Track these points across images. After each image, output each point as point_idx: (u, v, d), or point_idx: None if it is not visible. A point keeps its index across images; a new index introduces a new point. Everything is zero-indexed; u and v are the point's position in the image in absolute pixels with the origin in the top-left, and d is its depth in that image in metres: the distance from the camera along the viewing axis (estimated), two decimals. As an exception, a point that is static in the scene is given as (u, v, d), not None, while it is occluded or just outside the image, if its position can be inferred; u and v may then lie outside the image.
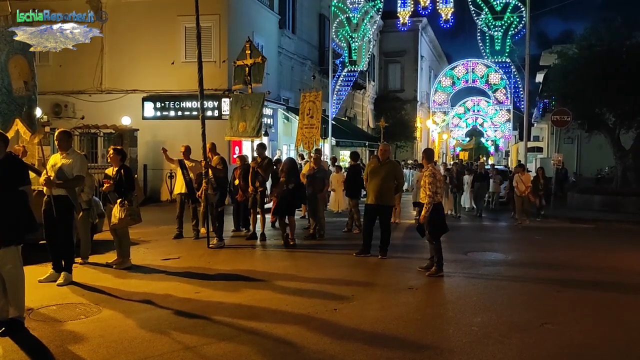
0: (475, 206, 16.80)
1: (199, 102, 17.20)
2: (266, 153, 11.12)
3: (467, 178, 16.77)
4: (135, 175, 9.22)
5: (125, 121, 16.58)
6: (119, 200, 7.80)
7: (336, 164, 16.96)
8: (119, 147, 8.48)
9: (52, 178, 6.75)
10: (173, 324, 5.39)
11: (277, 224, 12.22)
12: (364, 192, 9.98)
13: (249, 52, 11.42)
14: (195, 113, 17.67)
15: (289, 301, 6.29)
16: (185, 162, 10.72)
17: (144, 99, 18.34)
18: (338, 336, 5.14)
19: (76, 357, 4.54)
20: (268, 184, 11.10)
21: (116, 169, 7.92)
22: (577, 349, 5.03)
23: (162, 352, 4.65)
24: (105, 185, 7.90)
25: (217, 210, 9.95)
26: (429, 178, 7.74)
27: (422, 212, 7.75)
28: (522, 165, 15.90)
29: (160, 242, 10.30)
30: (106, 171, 8.27)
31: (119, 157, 7.98)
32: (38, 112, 13.49)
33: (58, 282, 6.84)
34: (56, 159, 7.05)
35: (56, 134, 7.19)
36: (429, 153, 8.44)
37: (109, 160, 8.24)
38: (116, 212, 7.82)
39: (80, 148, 15.91)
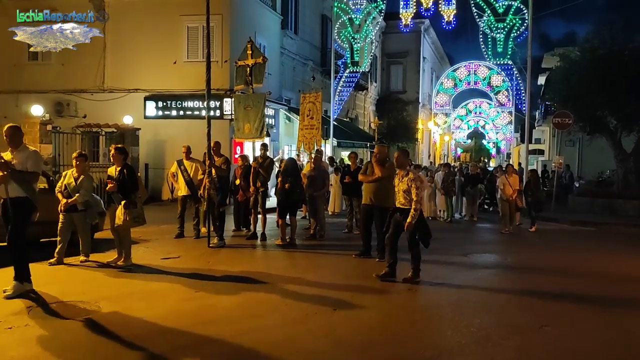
0: (465, 212, 15.85)
1: (200, 102, 17.47)
2: (268, 153, 11.14)
3: (457, 180, 15.90)
4: (139, 174, 9.14)
5: (127, 120, 16.59)
6: (123, 202, 7.70)
7: (335, 165, 16.89)
8: (120, 146, 8.36)
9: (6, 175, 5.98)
10: (173, 323, 5.39)
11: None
12: None
13: (250, 52, 11.44)
14: (197, 113, 17.70)
15: (288, 301, 6.30)
16: (186, 162, 10.73)
17: (146, 98, 18.36)
18: (337, 337, 5.14)
19: (75, 355, 4.55)
20: (269, 184, 11.11)
21: (119, 168, 7.83)
22: (575, 353, 5.03)
23: (162, 351, 4.66)
24: (109, 186, 7.81)
25: (219, 210, 9.96)
26: (415, 182, 7.23)
27: (408, 220, 7.11)
28: (510, 166, 14.99)
29: (161, 241, 10.31)
30: (108, 170, 8.16)
31: (122, 157, 7.89)
32: (40, 110, 13.65)
33: (6, 293, 6.12)
34: (7, 157, 6.21)
35: (5, 129, 6.38)
36: (406, 154, 7.86)
37: (111, 159, 8.14)
38: (120, 213, 7.72)
39: (82, 147, 15.92)
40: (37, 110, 13.59)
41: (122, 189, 7.75)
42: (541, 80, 31.93)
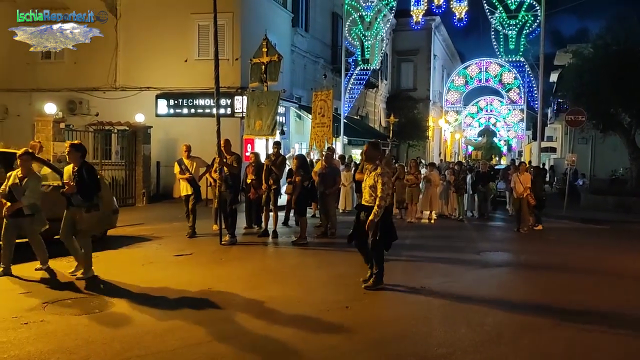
0: (477, 210, 15.75)
1: (211, 100, 17.50)
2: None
3: (468, 179, 15.75)
4: (99, 175, 8.00)
5: (139, 118, 16.68)
6: (85, 205, 6.90)
7: (346, 162, 16.88)
8: (77, 142, 7.46)
9: None
10: (186, 320, 5.42)
11: (289, 222, 12.31)
12: None
13: (266, 50, 11.46)
14: (208, 111, 17.74)
15: (301, 298, 6.31)
16: (186, 161, 10.69)
17: (158, 97, 18.45)
18: (350, 333, 5.15)
19: (90, 350, 4.59)
20: (281, 182, 11.12)
21: (76, 167, 6.93)
22: (589, 351, 5.00)
23: (175, 347, 4.69)
24: (67, 187, 6.87)
25: (231, 207, 9.98)
26: (382, 177, 6.55)
27: (370, 217, 6.46)
28: (523, 163, 14.81)
29: (174, 238, 10.35)
30: (65, 170, 7.24)
31: (79, 154, 6.98)
32: (53, 108, 13.76)
33: None
34: None
35: None
36: (375, 148, 7.11)
37: (66, 158, 7.18)
38: (81, 217, 6.93)
39: (95, 145, 16.04)
40: (50, 108, 13.71)
41: (83, 191, 6.87)
42: (553, 77, 31.72)
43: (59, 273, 7.06)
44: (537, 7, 20.11)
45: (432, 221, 14.35)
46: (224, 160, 9.86)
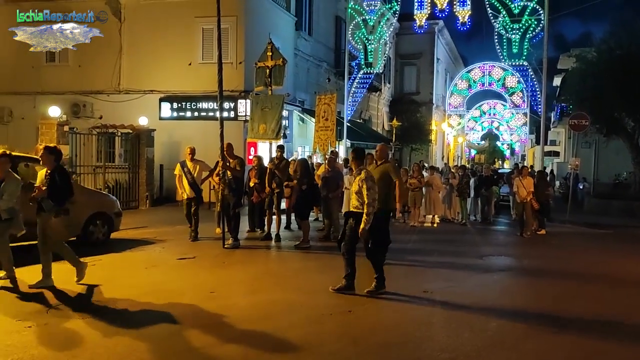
0: (480, 214, 15.65)
1: (215, 103, 17.53)
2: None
3: (472, 183, 15.56)
4: (74, 178, 7.60)
5: (143, 121, 16.73)
6: (54, 210, 6.65)
7: (349, 166, 16.87)
8: (52, 145, 7.14)
9: None
10: (190, 323, 5.42)
11: (291, 226, 12.31)
12: None
13: (270, 53, 11.48)
14: (211, 114, 17.76)
15: (303, 302, 6.31)
16: (189, 163, 10.65)
17: (161, 100, 18.49)
18: (352, 338, 5.15)
19: (94, 353, 4.60)
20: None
21: (49, 171, 6.72)
22: (591, 356, 4.99)
23: (180, 351, 4.71)
24: (37, 191, 6.63)
25: (234, 210, 9.99)
26: (366, 182, 6.43)
27: (362, 226, 6.37)
28: (525, 167, 14.72)
29: (177, 241, 10.36)
30: (39, 174, 6.96)
31: (53, 157, 6.75)
32: (57, 111, 13.81)
33: None
34: None
35: None
36: (358, 153, 6.98)
37: (40, 162, 6.93)
38: (50, 222, 6.66)
39: (98, 148, 16.09)
40: (54, 111, 13.76)
41: (54, 195, 6.61)
42: (557, 81, 31.67)
43: (62, 276, 7.06)
44: (541, 11, 20.09)
45: (435, 225, 14.34)
46: (227, 163, 9.88)
